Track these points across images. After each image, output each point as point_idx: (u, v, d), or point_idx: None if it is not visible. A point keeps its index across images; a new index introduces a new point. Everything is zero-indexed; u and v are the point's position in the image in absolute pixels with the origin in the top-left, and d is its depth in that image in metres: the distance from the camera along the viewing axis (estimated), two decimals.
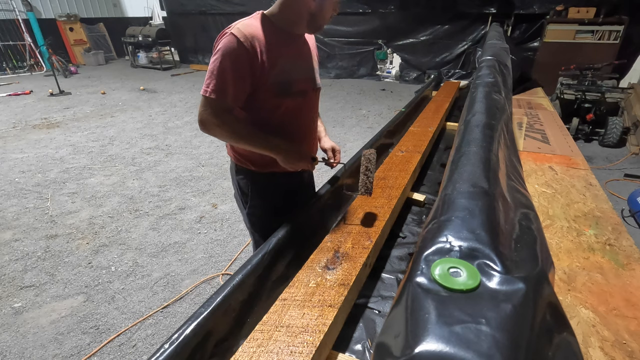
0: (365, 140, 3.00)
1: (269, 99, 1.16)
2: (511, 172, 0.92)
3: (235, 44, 1.03)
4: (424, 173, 1.79)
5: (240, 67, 1.06)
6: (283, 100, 1.18)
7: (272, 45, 1.10)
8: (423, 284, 0.47)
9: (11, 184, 3.55)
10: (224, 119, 1.09)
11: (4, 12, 9.35)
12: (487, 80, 1.48)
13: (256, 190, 1.37)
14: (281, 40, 1.14)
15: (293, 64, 1.19)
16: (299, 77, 1.22)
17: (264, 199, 1.38)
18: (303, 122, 1.33)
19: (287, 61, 1.15)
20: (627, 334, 0.98)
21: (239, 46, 1.03)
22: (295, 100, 1.23)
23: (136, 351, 1.83)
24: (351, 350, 0.87)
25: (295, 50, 1.20)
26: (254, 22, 1.10)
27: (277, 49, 1.11)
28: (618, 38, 5.39)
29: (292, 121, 1.26)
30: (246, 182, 1.37)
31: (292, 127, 1.27)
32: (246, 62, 1.05)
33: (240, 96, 1.10)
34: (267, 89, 1.13)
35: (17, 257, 2.51)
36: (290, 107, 1.22)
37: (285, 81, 1.16)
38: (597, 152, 4.24)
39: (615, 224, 1.48)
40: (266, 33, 1.09)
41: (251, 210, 1.41)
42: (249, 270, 0.98)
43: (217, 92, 1.06)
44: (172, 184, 3.54)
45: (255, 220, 1.44)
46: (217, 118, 1.08)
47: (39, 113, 5.90)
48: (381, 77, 8.42)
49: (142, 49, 10.29)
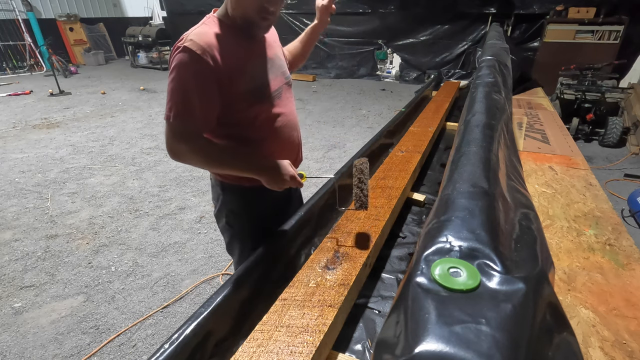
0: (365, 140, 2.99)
1: (246, 110, 1.04)
2: (511, 172, 0.92)
3: (191, 58, 0.90)
4: (424, 173, 1.79)
5: (204, 84, 0.93)
6: (261, 107, 1.07)
7: (234, 51, 0.98)
8: (423, 284, 0.47)
9: (11, 184, 3.55)
10: (194, 144, 0.95)
11: (4, 12, 9.34)
12: (487, 80, 1.48)
13: (240, 207, 1.24)
14: (240, 41, 1.02)
15: (262, 65, 1.08)
16: (272, 76, 1.10)
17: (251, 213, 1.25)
18: (287, 123, 1.19)
19: (255, 63, 1.05)
20: (627, 334, 0.98)
21: (196, 59, 0.90)
22: (273, 103, 1.11)
23: (136, 351, 1.83)
24: (351, 350, 0.87)
25: (258, 48, 1.08)
26: (208, 29, 0.96)
27: (240, 53, 1.00)
28: (618, 38, 5.39)
29: (276, 126, 1.14)
30: (229, 199, 1.25)
31: (276, 132, 1.15)
32: (210, 77, 0.93)
33: (210, 116, 0.98)
34: (241, 100, 1.01)
35: (17, 257, 2.51)
36: (269, 112, 1.10)
37: (259, 86, 1.05)
38: (597, 152, 4.24)
39: (615, 224, 1.48)
40: (223, 39, 0.96)
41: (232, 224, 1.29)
42: (249, 270, 0.98)
43: (182, 115, 0.92)
44: (172, 184, 3.54)
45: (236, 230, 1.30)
46: (186, 144, 0.94)
47: (39, 113, 5.90)
48: (381, 77, 8.42)
49: (142, 49, 10.28)
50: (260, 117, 1.08)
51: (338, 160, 4.04)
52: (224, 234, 1.34)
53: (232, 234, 1.32)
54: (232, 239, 1.33)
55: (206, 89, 0.94)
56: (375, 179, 1.49)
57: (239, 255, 1.34)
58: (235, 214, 1.26)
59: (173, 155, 0.96)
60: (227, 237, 1.35)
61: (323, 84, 8.09)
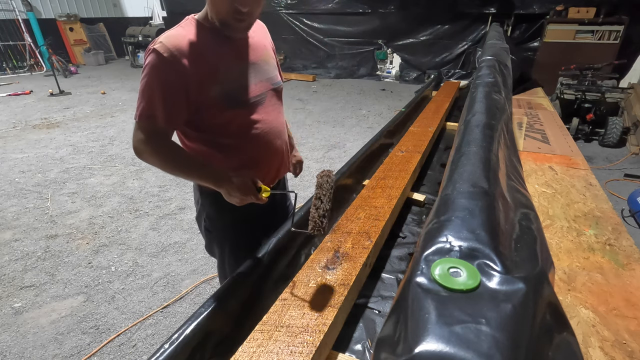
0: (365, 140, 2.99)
1: (218, 115, 1.02)
2: (511, 172, 0.92)
3: (159, 60, 0.91)
4: (424, 173, 1.79)
5: (169, 86, 0.93)
6: (235, 112, 1.04)
7: (206, 53, 0.97)
8: (423, 284, 0.47)
9: (11, 184, 3.55)
10: (156, 145, 0.95)
11: (4, 12, 9.34)
12: (487, 80, 1.48)
13: (222, 213, 1.21)
14: (218, 44, 0.99)
15: (240, 69, 1.04)
16: (252, 81, 1.06)
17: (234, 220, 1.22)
18: (268, 130, 1.13)
19: (230, 67, 1.01)
20: (627, 334, 0.98)
21: (163, 62, 0.91)
22: (252, 110, 1.07)
23: (136, 351, 1.83)
24: (351, 350, 0.87)
25: (237, 50, 1.05)
26: (181, 32, 0.96)
27: (213, 55, 0.98)
28: (618, 38, 5.39)
29: (253, 133, 1.09)
30: (208, 206, 1.23)
31: (254, 140, 1.10)
32: (175, 79, 0.93)
33: (175, 118, 0.97)
34: (212, 104, 0.99)
35: (17, 257, 2.51)
36: (246, 118, 1.06)
37: (233, 90, 1.02)
38: (597, 152, 4.24)
39: (615, 224, 1.48)
40: (197, 40, 0.96)
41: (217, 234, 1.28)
42: (248, 270, 0.98)
43: (146, 115, 0.94)
44: (172, 184, 3.54)
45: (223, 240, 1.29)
46: (148, 144, 0.95)
47: (39, 113, 5.90)
48: (381, 77, 8.42)
49: (142, 49, 10.28)
50: (234, 123, 1.05)
51: (338, 160, 4.04)
52: (204, 236, 1.35)
53: (210, 238, 1.32)
54: (211, 242, 1.33)
55: (171, 92, 0.94)
56: (375, 179, 1.49)
57: (219, 261, 1.35)
58: (212, 218, 1.25)
59: (136, 153, 0.98)
60: (206, 240, 1.35)
61: (323, 84, 8.09)
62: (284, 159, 1.26)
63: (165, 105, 0.94)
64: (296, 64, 9.36)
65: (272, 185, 1.25)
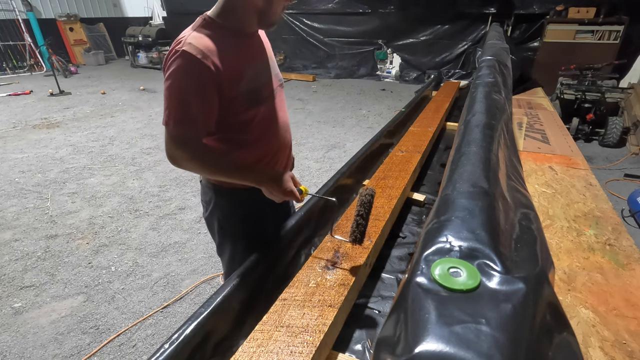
0: (365, 140, 3.00)
1: (243, 113, 1.03)
2: (511, 172, 0.92)
3: (191, 62, 0.89)
4: (424, 173, 1.79)
5: (204, 89, 0.92)
6: (257, 109, 1.06)
7: (231, 51, 0.97)
8: (423, 284, 0.47)
9: (11, 184, 3.55)
10: (193, 151, 0.94)
11: (4, 12, 9.34)
12: (487, 80, 1.48)
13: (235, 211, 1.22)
14: (238, 42, 1.01)
15: (257, 67, 1.07)
16: (267, 78, 1.10)
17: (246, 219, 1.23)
18: (281, 124, 1.19)
19: (253, 65, 1.04)
20: (627, 334, 0.98)
21: (196, 64, 0.89)
22: (268, 105, 1.11)
23: (136, 351, 1.83)
24: (351, 350, 0.87)
25: (254, 50, 1.07)
26: (204, 32, 0.94)
27: (237, 54, 0.99)
28: (618, 38, 5.39)
29: (270, 128, 1.14)
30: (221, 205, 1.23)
31: (270, 134, 1.15)
32: (209, 82, 0.91)
33: (210, 121, 0.97)
34: (239, 104, 1.00)
35: (17, 257, 2.51)
36: (264, 114, 1.10)
37: (256, 88, 1.04)
38: (597, 152, 4.24)
39: (615, 224, 1.48)
40: (222, 41, 0.95)
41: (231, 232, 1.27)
42: (249, 270, 0.98)
43: (183, 121, 0.92)
44: (172, 184, 3.54)
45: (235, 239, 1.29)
46: (185, 151, 0.93)
47: (39, 113, 5.90)
48: (381, 77, 8.42)
49: (142, 49, 10.28)
50: (255, 119, 1.07)
51: (338, 160, 4.04)
52: (216, 236, 1.31)
53: (224, 235, 1.29)
54: (224, 241, 1.30)
55: (206, 94, 0.93)
56: (375, 179, 1.49)
57: (230, 258, 1.32)
58: (227, 215, 1.24)
59: (172, 161, 0.96)
60: (218, 240, 1.32)
61: (323, 84, 8.09)
62: (291, 152, 1.30)
63: (203, 108, 0.93)
64: (296, 64, 9.35)
65: None
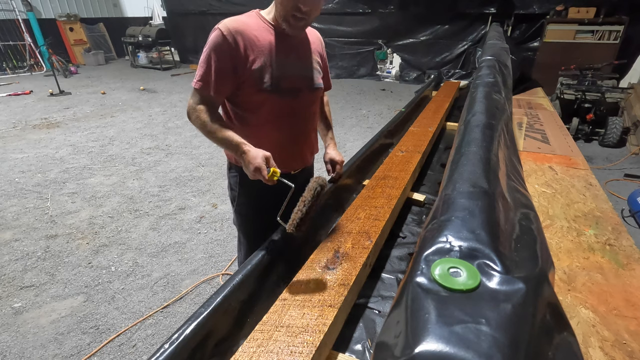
0: (365, 140, 3.00)
1: (253, 95, 1.17)
2: (511, 172, 0.92)
3: (219, 37, 1.08)
4: (424, 173, 1.79)
5: (222, 60, 1.09)
6: (268, 96, 1.17)
7: (257, 40, 1.13)
8: (423, 284, 0.47)
9: (11, 184, 3.55)
10: (200, 109, 1.12)
11: (4, 12, 9.34)
12: (487, 80, 1.48)
13: (244, 189, 1.37)
14: (270, 36, 1.16)
15: (283, 61, 1.17)
16: (290, 74, 1.20)
17: (251, 197, 1.38)
18: (293, 125, 1.27)
19: (275, 58, 1.15)
20: (627, 334, 0.98)
21: (222, 40, 1.08)
22: (285, 100, 1.20)
23: (136, 351, 1.83)
24: (351, 350, 0.87)
25: (287, 46, 1.19)
26: (242, 18, 1.14)
27: (262, 43, 1.13)
28: (618, 38, 5.39)
29: (280, 122, 1.23)
30: (236, 179, 1.38)
31: (278, 125, 1.24)
32: (227, 55, 1.09)
33: (223, 89, 1.13)
34: (250, 84, 1.14)
35: (17, 257, 2.51)
36: (277, 106, 1.20)
37: (272, 75, 1.15)
38: (597, 152, 4.24)
39: (615, 224, 1.48)
40: (253, 28, 1.13)
41: (238, 208, 1.43)
42: (249, 270, 0.98)
43: (203, 81, 1.11)
44: (172, 184, 3.54)
45: (242, 219, 1.45)
46: (196, 109, 1.12)
47: (39, 113, 5.90)
48: (381, 77, 8.42)
49: (142, 49, 10.28)
50: (265, 105, 1.18)
51: None
52: (235, 223, 1.51)
53: (239, 223, 1.47)
54: (238, 217, 1.46)
55: (223, 64, 1.10)
56: (375, 179, 1.49)
57: (247, 243, 1.48)
58: (232, 186, 1.41)
59: (188, 116, 1.16)
60: (237, 221, 1.49)
61: None
62: (304, 153, 1.39)
63: (217, 76, 1.10)
64: None
65: (295, 172, 1.39)
